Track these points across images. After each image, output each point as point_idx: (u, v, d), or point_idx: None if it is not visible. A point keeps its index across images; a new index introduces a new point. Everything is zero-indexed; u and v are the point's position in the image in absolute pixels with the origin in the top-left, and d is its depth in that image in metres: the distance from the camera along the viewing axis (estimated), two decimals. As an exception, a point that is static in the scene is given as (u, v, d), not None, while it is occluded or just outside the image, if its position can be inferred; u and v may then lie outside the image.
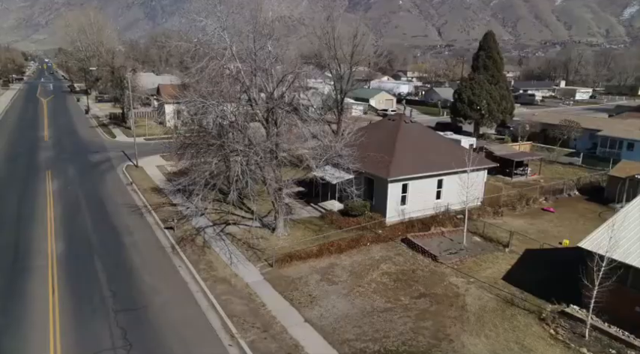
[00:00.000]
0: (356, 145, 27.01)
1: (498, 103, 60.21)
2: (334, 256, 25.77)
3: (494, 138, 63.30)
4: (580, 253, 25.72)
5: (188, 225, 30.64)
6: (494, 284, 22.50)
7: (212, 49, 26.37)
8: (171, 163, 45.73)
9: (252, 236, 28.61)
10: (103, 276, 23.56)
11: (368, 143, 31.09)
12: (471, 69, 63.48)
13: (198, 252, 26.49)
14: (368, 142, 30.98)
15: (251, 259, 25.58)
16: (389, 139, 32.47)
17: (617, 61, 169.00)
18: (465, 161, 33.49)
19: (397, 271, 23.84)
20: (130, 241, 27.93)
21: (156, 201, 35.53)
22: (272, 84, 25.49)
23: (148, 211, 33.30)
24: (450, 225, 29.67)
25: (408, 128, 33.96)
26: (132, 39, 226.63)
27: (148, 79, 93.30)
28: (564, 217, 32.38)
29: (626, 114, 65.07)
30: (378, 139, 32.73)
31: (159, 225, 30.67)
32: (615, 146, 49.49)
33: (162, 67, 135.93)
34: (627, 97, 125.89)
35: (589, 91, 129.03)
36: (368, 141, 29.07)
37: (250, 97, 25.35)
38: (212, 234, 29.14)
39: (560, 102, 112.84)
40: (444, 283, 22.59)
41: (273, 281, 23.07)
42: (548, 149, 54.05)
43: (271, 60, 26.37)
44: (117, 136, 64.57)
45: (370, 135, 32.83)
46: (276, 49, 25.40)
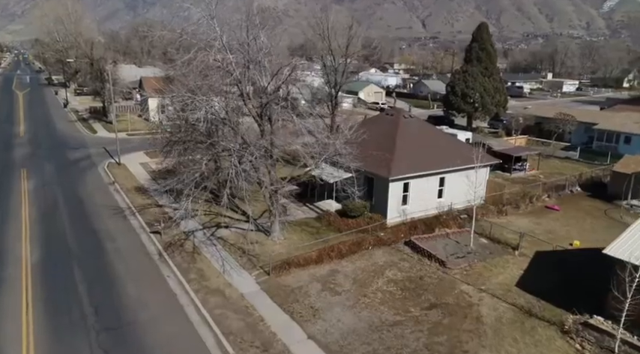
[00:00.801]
0: (357, 143, 25.20)
1: (492, 96, 59.07)
2: (335, 261, 24.08)
3: (487, 132, 62.18)
4: (593, 255, 24.69)
5: (176, 228, 28.58)
6: (508, 292, 21.08)
7: (200, 40, 24.22)
8: (156, 161, 43.37)
9: (246, 241, 26.73)
10: (84, 288, 21.47)
11: (366, 140, 29.33)
12: (464, 61, 62.17)
13: (187, 259, 24.53)
14: (366, 139, 29.21)
15: (245, 267, 23.74)
16: (388, 135, 30.78)
17: (600, 53, 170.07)
18: (467, 157, 32.16)
19: (404, 279, 22.25)
20: (112, 247, 25.80)
21: (140, 202, 33.32)
22: (266, 77, 23.49)
23: (132, 213, 31.12)
24: (454, 226, 28.20)
25: (408, 123, 32.33)
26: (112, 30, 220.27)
27: (130, 72, 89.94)
28: (570, 216, 31.20)
29: (618, 107, 64.51)
30: (376, 135, 30.96)
31: (144, 229, 28.56)
32: (612, 140, 48.71)
33: (145, 59, 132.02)
34: (613, 90, 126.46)
35: (575, 83, 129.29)
36: (366, 137, 27.30)
37: (243, 91, 23.32)
38: (202, 238, 27.19)
39: (547, 94, 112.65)
40: (455, 291, 21.08)
41: (271, 291, 21.28)
42: (544, 143, 53.12)
43: (264, 51, 24.34)
44: (98, 131, 61.69)
45: (368, 131, 31.03)
46: (270, 40, 23.37)
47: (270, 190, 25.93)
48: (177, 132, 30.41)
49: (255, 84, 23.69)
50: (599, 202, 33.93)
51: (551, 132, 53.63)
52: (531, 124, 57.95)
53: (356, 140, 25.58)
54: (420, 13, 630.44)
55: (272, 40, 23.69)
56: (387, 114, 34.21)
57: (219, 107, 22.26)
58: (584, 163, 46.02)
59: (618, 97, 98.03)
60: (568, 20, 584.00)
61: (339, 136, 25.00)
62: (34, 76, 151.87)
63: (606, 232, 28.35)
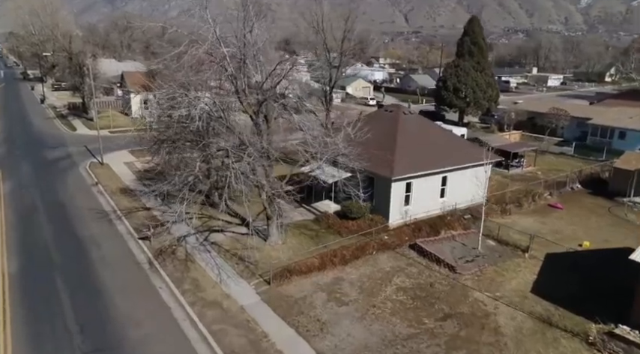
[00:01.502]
0: (361, 142, 23.82)
1: (484, 90, 58.29)
2: (338, 268, 22.72)
3: (479, 127, 61.50)
4: (606, 257, 23.92)
5: (166, 234, 26.81)
6: (524, 299, 20.02)
7: (191, 32, 22.44)
8: (141, 160, 41.36)
9: (242, 246, 25.19)
10: (68, 303, 19.67)
11: (366, 138, 27.97)
12: (456, 55, 61.16)
13: (180, 267, 22.87)
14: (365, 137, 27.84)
15: (243, 275, 22.21)
16: (388, 133, 29.46)
17: (581, 48, 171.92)
18: (469, 154, 31.16)
19: (413, 286, 21.02)
20: (98, 256, 23.97)
21: (126, 205, 31.41)
22: (263, 73, 21.88)
23: (118, 218, 29.23)
24: (459, 227, 27.10)
25: (408, 120, 31.06)
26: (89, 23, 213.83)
27: (110, 66, 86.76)
28: (574, 214, 30.42)
29: (608, 101, 64.49)
30: (376, 133, 29.54)
31: (132, 234, 26.74)
32: (606, 135, 48.33)
33: (125, 53, 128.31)
34: (596, 84, 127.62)
35: (560, 77, 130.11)
36: (365, 135, 25.95)
37: (238, 88, 21.67)
38: (195, 244, 25.53)
39: (533, 88, 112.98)
40: (469, 299, 19.93)
41: (273, 303, 19.82)
42: (537, 138, 52.52)
43: (259, 45, 22.71)
44: (77, 128, 59.05)
45: (367, 128, 29.71)
46: (267, 32, 21.77)
47: (268, 192, 24.35)
48: (165, 130, 28.57)
49: (251, 80, 22.04)
50: (601, 200, 33.27)
51: (545, 127, 53.06)
52: (523, 119, 57.36)
53: (359, 139, 24.15)
54: (403, 8, 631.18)
55: (269, 32, 22.04)
56: (386, 110, 32.88)
57: (215, 105, 20.54)
58: (580, 158, 45.52)
59: (605, 91, 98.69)
60: (547, 15, 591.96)
61: (341, 134, 23.50)
62: (8, 70, 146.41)
63: (613, 231, 27.74)
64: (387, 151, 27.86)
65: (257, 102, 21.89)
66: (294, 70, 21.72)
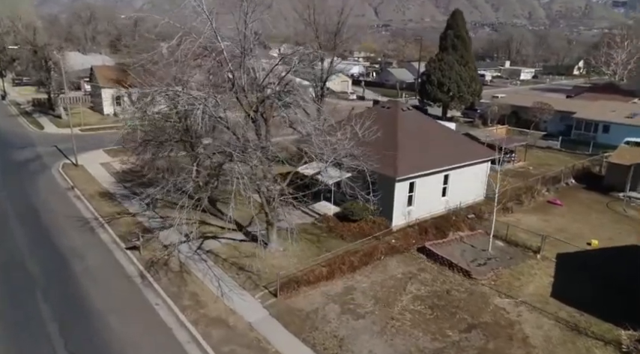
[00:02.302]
0: (371, 143, 22.49)
1: (468, 85, 58.01)
2: (347, 276, 21.39)
3: (462, 121, 61.16)
4: (617, 256, 23.40)
5: (155, 241, 24.88)
6: (545, 304, 19.21)
7: (184, 24, 20.47)
8: (119, 160, 38.80)
9: (240, 254, 23.56)
10: (54, 327, 17.61)
11: (364, 135, 26.63)
12: (439, 49, 60.60)
13: (176, 280, 21.03)
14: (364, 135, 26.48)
15: (246, 287, 20.58)
16: (388, 130, 28.18)
17: (549, 42, 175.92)
18: (470, 151, 30.37)
19: (430, 294, 19.90)
20: (82, 269, 21.82)
21: (108, 210, 29.09)
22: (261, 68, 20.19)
23: (100, 225, 26.96)
24: (465, 228, 26.20)
25: (407, 117, 29.91)
26: (49, 14, 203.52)
27: (76, 60, 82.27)
28: (574, 211, 30.06)
29: (586, 95, 65.39)
30: (375, 130, 28.31)
31: (118, 244, 24.61)
32: (591, 129, 48.68)
33: (89, 46, 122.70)
34: (565, 77, 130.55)
35: (532, 71, 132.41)
36: (374, 134, 24.64)
37: (237, 85, 19.89)
38: (188, 253, 23.63)
39: (507, 82, 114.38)
40: (490, 307, 18.97)
41: (283, 318, 18.32)
42: (521, 132, 52.51)
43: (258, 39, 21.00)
44: (45, 126, 55.39)
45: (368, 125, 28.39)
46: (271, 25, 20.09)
47: (268, 196, 22.74)
48: (152, 130, 26.47)
49: (250, 76, 20.29)
50: (597, 195, 33.12)
51: (529, 121, 53.14)
52: (507, 113, 57.33)
53: (369, 140, 22.83)
54: (372, 1, 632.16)
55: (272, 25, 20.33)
56: (383, 107, 31.61)
57: (216, 105, 18.70)
58: (567, 152, 45.63)
59: (580, 84, 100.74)
60: (512, 10, 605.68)
61: (347, 133, 22.06)
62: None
63: (616, 228, 27.47)
64: (388, 149, 26.61)
65: (258, 100, 20.18)
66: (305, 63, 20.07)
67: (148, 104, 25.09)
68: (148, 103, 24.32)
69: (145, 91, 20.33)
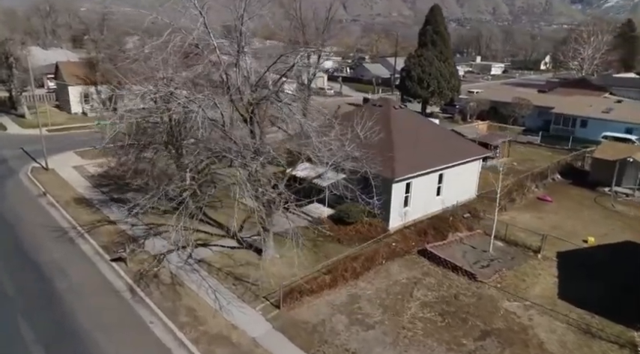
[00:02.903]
0: (365, 143, 21.65)
1: (448, 80, 58.02)
2: (350, 283, 20.56)
3: (442, 117, 61.26)
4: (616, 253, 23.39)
5: (142, 251, 23.36)
6: (554, 306, 18.94)
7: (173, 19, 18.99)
8: (94, 163, 36.72)
9: (235, 262, 22.38)
10: (38, 349, 16.06)
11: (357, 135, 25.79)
12: (418, 45, 60.39)
13: (169, 294, 19.68)
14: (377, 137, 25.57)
15: (245, 299, 19.46)
16: (382, 130, 27.37)
17: (515, 38, 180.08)
18: (464, 149, 30.04)
19: (438, 300, 19.31)
20: (66, 286, 20.15)
21: (86, 218, 27.23)
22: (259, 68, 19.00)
23: (80, 235, 25.16)
24: (463, 228, 25.80)
25: (400, 116, 29.25)
26: (4, 7, 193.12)
27: (37, 55, 78.02)
28: (565, 207, 30.19)
29: (559, 90, 66.60)
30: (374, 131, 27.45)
31: (101, 256, 22.95)
32: (569, 124, 49.47)
33: (49, 40, 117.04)
34: (534, 72, 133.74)
35: (502, 65, 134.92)
36: (377, 135, 23.84)
37: (232, 86, 18.62)
38: (179, 262, 22.24)
39: (479, 77, 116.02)
40: (500, 312, 18.53)
41: (289, 331, 17.34)
42: (501, 128, 52.97)
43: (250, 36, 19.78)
44: (8, 127, 52.10)
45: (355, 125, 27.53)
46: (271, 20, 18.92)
47: (264, 201, 21.57)
48: (136, 133, 24.82)
49: (245, 76, 19.05)
50: (584, 190, 33.45)
51: (508, 116, 53.68)
52: (486, 108, 57.77)
53: (372, 141, 21.99)
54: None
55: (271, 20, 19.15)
56: (374, 105, 30.83)
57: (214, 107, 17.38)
58: (547, 147, 46.20)
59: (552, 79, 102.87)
60: (477, 6, 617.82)
61: (348, 135, 21.13)
62: None
63: (609, 224, 27.69)
64: (383, 149, 25.86)
65: (254, 101, 18.97)
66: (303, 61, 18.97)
67: (132, 107, 23.38)
68: (134, 106, 22.59)
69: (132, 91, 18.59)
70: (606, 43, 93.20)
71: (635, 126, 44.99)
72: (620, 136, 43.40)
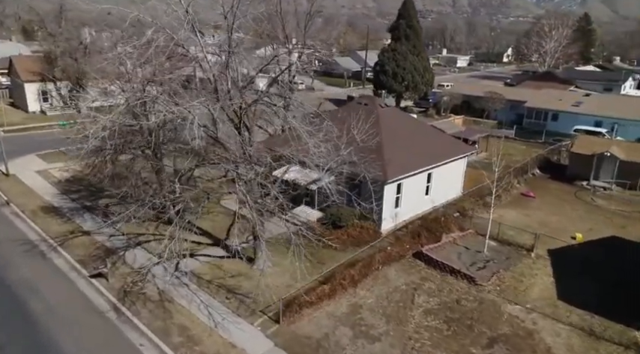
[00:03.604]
0: (372, 148, 20.90)
1: (422, 74, 58.03)
2: (349, 291, 19.85)
3: (416, 111, 61.31)
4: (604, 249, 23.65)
5: (122, 264, 21.85)
6: (555, 308, 18.88)
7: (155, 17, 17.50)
8: (59, 167, 34.38)
9: (225, 273, 21.25)
10: (18, 386, 14.55)
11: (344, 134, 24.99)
12: (392, 39, 60.12)
13: (158, 312, 18.39)
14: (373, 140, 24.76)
15: (241, 313, 18.43)
16: (371, 130, 26.71)
17: (477, 30, 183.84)
18: (451, 147, 29.82)
19: (440, 306, 18.88)
20: (43, 308, 18.47)
21: (57, 229, 25.30)
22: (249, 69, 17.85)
23: (52, 249, 23.29)
24: (454, 227, 25.55)
25: (387, 115, 28.62)
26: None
27: (-14, 49, 73.15)
28: (548, 202, 30.52)
29: (527, 83, 67.96)
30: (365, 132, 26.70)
31: (78, 271, 21.26)
32: (541, 117, 50.43)
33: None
34: (497, 64, 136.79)
35: (467, 58, 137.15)
36: (373, 138, 23.16)
37: (221, 90, 17.37)
38: (165, 276, 20.85)
39: (446, 69, 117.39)
40: (504, 316, 18.29)
41: (292, 348, 16.47)
42: (475, 122, 53.49)
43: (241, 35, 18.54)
44: (-42, 128, 48.17)
45: (343, 124, 26.72)
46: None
47: (256, 208, 20.46)
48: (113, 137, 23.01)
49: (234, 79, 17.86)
50: (563, 185, 33.99)
51: (482, 110, 54.23)
52: (458, 103, 58.19)
53: (370, 144, 21.23)
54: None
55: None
56: (360, 103, 30.05)
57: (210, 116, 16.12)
58: (522, 141, 46.87)
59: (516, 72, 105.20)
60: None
61: (344, 140, 20.28)
62: None
63: (592, 219, 28.12)
64: (373, 150, 25.18)
65: (246, 105, 17.81)
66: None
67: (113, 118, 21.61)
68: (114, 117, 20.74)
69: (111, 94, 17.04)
70: (566, 37, 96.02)
71: (603, 119, 46.29)
72: (590, 129, 44.54)
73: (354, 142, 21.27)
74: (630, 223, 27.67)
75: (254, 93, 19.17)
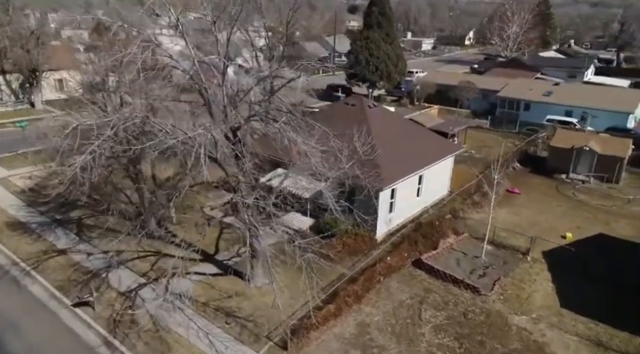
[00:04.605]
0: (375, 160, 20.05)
1: (395, 63, 57.36)
2: (354, 307, 19.22)
3: (389, 100, 60.89)
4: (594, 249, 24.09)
5: (107, 288, 20.27)
6: (560, 317, 18.95)
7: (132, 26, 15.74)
8: (22, 174, 31.72)
9: (220, 294, 20.12)
10: None
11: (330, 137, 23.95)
12: (364, 26, 58.86)
13: (155, 344, 17.13)
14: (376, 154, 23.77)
15: (244, 340, 17.47)
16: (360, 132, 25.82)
17: (439, 11, 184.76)
18: (440, 147, 29.49)
19: (448, 321, 18.55)
20: (23, 348, 16.80)
21: (28, 249, 23.23)
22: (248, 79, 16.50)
23: (25, 273, 21.33)
24: (449, 231, 25.29)
25: (375, 116, 27.77)
26: None
27: None
28: (534, 199, 30.79)
29: (495, 70, 68.60)
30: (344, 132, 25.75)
31: (59, 300, 19.54)
32: (514, 107, 51.02)
33: None
34: (461, 48, 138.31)
35: (431, 41, 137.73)
36: (375, 153, 22.28)
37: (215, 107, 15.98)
38: (155, 299, 19.50)
39: (411, 54, 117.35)
40: (513, 329, 18.17)
41: (304, 378, 15.72)
42: (449, 111, 53.64)
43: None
44: None
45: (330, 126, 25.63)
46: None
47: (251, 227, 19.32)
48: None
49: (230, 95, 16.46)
50: (544, 179, 34.44)
51: (456, 100, 54.33)
52: (432, 92, 58.10)
53: (373, 157, 20.35)
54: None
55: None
56: (347, 103, 29.01)
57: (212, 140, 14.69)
58: (496, 132, 47.36)
59: (477, 54, 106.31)
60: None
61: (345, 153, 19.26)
62: None
63: (578, 216, 28.59)
64: (364, 154, 24.34)
65: (244, 120, 16.50)
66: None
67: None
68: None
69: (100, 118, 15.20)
70: (527, 22, 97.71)
71: (573, 108, 47.32)
72: (562, 119, 45.45)
73: (354, 154, 20.27)
74: (612, 218, 28.34)
75: (247, 105, 17.89)
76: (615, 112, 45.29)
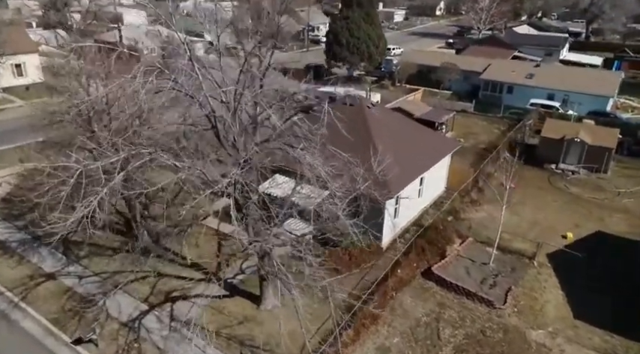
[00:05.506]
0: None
1: (376, 44, 55.87)
2: (371, 329, 18.73)
3: (370, 81, 59.50)
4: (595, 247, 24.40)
5: (107, 318, 18.94)
6: (576, 329, 19.06)
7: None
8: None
9: (230, 319, 19.21)
10: None
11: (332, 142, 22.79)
12: (343, 5, 56.69)
13: (170, 386, 16.16)
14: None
15: (263, 373, 16.73)
16: (361, 136, 24.72)
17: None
18: (440, 145, 28.93)
19: (468, 340, 18.34)
20: (23, 397, 15.51)
21: (11, 275, 21.45)
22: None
23: (14, 305, 19.64)
24: (454, 235, 25.01)
25: (376, 118, 26.64)
26: None
27: None
28: (529, 194, 30.74)
29: (473, 48, 68.03)
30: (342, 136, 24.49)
31: (56, 336, 18.11)
32: (496, 90, 50.80)
33: None
34: (432, 18, 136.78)
35: (403, 12, 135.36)
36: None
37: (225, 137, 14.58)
38: (160, 330, 18.45)
39: (385, 26, 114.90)
40: (532, 346, 18.15)
41: (332, 415, 15.20)
42: (431, 93, 53.00)
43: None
44: None
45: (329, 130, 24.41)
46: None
47: (263, 250, 18.28)
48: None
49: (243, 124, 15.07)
50: (535, 170, 34.37)
51: (438, 82, 53.61)
52: (413, 72, 57.06)
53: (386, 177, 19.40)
54: None
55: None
56: (345, 104, 27.62)
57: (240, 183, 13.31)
58: (481, 116, 47.05)
59: (448, 25, 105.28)
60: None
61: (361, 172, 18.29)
62: None
63: (574, 212, 28.83)
64: (366, 159, 23.35)
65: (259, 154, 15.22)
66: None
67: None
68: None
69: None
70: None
71: (555, 92, 47.54)
72: (545, 103, 45.62)
73: (369, 173, 19.31)
74: (606, 213, 28.74)
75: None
76: (596, 95, 45.76)
